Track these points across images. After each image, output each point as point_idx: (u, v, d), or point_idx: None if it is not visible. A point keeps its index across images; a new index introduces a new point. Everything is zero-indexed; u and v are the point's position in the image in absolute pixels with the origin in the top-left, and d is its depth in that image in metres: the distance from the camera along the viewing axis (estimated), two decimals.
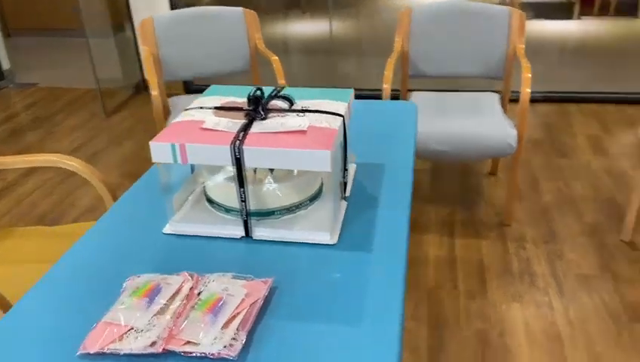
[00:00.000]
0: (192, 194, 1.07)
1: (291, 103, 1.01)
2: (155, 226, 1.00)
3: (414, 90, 2.55)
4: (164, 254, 0.92)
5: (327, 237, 0.93)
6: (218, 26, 2.49)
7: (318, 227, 0.95)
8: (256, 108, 0.98)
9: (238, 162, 0.89)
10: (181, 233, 0.97)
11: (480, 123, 2.13)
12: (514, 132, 2.06)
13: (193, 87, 3.89)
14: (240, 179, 0.91)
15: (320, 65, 3.78)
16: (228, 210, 0.98)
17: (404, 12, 2.38)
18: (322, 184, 1.06)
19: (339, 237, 0.94)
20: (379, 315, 0.77)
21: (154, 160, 0.91)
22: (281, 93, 1.05)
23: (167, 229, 0.98)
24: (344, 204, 1.03)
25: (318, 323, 0.76)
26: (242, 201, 0.93)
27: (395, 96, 1.99)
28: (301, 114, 0.98)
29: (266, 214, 0.97)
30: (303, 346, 0.72)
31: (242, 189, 0.92)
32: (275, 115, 0.98)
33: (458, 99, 2.41)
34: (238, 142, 0.88)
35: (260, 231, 0.95)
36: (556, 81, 3.56)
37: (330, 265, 0.88)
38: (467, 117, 2.19)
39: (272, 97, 1.04)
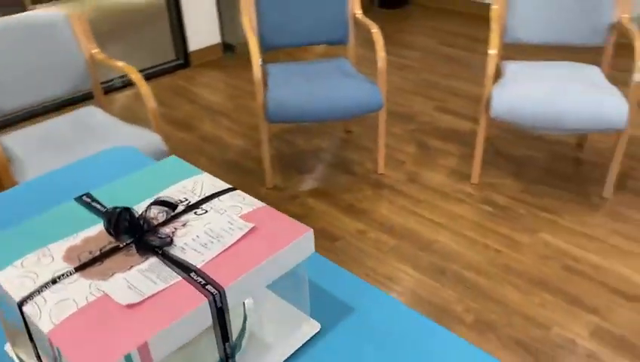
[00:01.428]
0: None
1: (172, 206, 0.72)
2: None
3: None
4: None
5: (310, 326, 0.77)
6: None
7: (288, 322, 0.77)
8: (143, 235, 0.67)
9: (221, 314, 0.61)
10: None
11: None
12: None
13: None
14: (225, 332, 0.63)
15: None
16: None
17: None
18: None
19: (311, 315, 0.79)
20: None
21: None
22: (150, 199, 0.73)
23: None
24: None
25: None
26: (229, 358, 0.65)
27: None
28: (201, 211, 0.72)
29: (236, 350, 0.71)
30: None
31: (228, 343, 0.64)
32: (173, 229, 0.69)
33: None
34: (211, 287, 0.60)
35: None
36: None
37: (355, 356, 0.75)
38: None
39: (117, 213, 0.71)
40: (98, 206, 0.75)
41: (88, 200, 0.76)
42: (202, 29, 3.87)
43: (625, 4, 2.34)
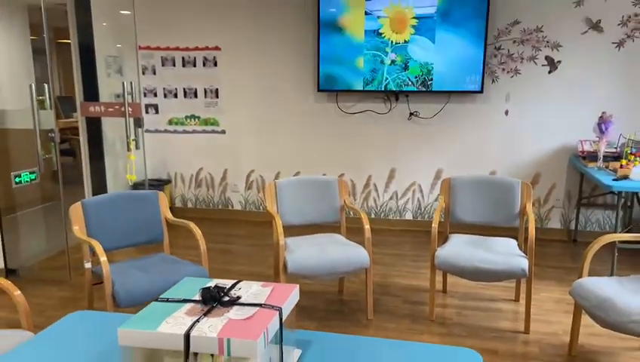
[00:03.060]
0: None
1: (222, 289, 1.32)
2: None
3: None
4: None
5: (297, 352, 1.39)
6: None
7: (288, 352, 1.38)
8: (221, 299, 1.26)
9: (281, 324, 1.23)
10: None
11: None
12: None
13: None
14: (282, 333, 1.24)
15: None
16: None
17: None
18: None
19: None
20: None
21: None
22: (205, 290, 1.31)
23: None
24: None
25: None
26: (282, 353, 1.24)
27: None
28: (237, 288, 1.34)
29: None
30: None
31: (282, 342, 1.24)
32: (232, 295, 1.29)
33: None
34: (276, 307, 1.23)
35: None
36: None
37: None
38: None
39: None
40: (174, 299, 1.29)
41: (164, 299, 1.30)
42: None
43: (345, 193, 3.64)
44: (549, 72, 4.62)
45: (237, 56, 5.30)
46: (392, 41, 4.74)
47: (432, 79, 4.72)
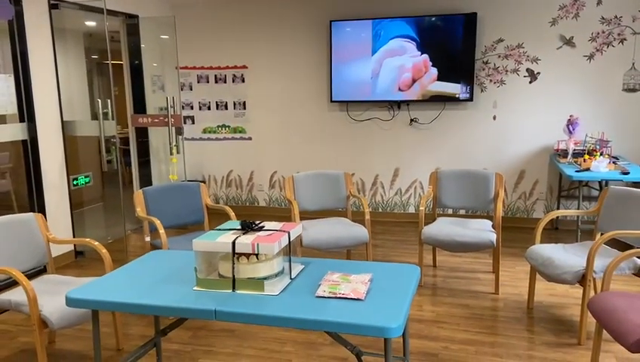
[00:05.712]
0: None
1: (253, 223, 2.12)
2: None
3: None
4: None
5: (300, 266, 2.18)
6: None
7: (293, 267, 2.16)
8: (253, 227, 2.06)
9: (289, 240, 2.02)
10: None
11: None
12: None
13: None
14: (289, 250, 2.03)
15: None
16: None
17: None
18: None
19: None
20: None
21: None
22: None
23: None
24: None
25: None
26: (290, 264, 2.03)
27: None
28: (262, 224, 2.13)
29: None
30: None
31: (290, 257, 2.03)
32: (261, 226, 2.09)
33: None
34: (286, 231, 2.02)
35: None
36: None
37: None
38: None
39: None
40: (224, 228, 2.10)
41: (218, 229, 2.10)
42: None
43: (350, 184, 4.41)
44: (530, 82, 5.34)
45: (261, 73, 6.16)
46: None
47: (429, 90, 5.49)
